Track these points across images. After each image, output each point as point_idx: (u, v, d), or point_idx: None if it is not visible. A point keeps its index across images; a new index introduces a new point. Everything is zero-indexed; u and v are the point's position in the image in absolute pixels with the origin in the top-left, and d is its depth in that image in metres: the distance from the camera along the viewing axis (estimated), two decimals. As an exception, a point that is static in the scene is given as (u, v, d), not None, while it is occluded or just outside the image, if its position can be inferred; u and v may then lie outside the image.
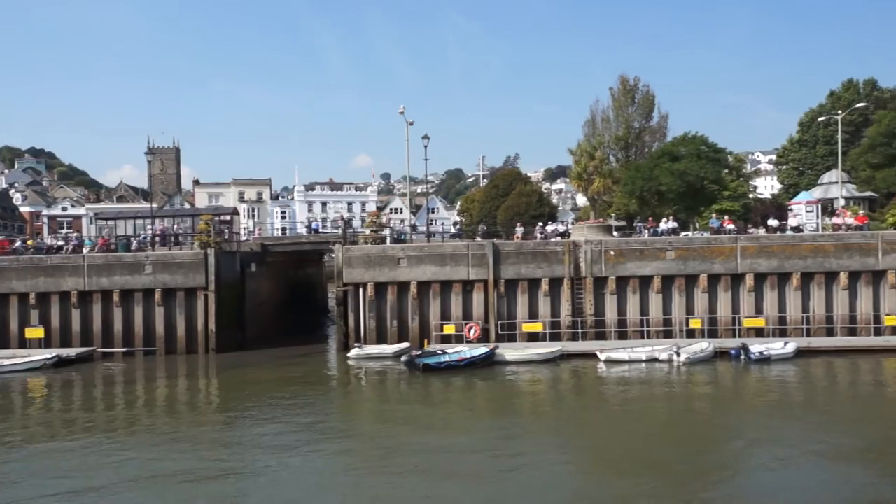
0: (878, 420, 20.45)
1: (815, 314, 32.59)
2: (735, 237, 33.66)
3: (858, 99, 72.68)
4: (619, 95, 59.10)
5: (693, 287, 33.14)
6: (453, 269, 33.83)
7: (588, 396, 24.78)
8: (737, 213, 58.31)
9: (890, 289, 32.29)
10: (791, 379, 25.91)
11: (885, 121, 39.32)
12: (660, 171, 39.46)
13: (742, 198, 67.68)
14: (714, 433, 19.51)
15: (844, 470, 15.91)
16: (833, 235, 33.55)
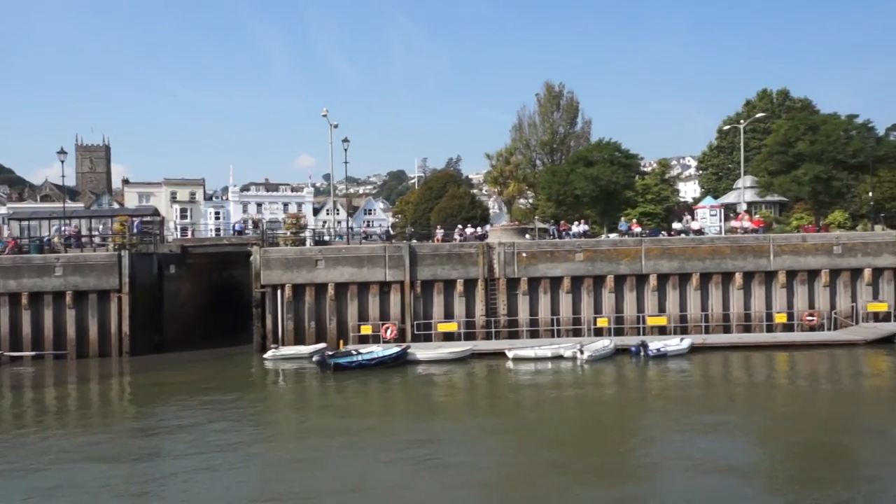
0: (766, 409, 22.01)
1: (713, 312, 34.54)
2: (640, 240, 35.36)
3: (772, 108, 76.76)
4: (544, 101, 60.78)
5: (600, 287, 34.65)
6: (370, 270, 34.46)
7: (493, 393, 25.80)
8: (659, 216, 60.91)
9: (780, 288, 34.49)
10: (683, 373, 27.49)
11: (781, 130, 41.83)
12: (575, 175, 40.97)
13: (665, 201, 70.84)
14: (611, 428, 20.54)
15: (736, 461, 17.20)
16: (729, 238, 35.65)
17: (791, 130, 40.60)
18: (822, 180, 39.03)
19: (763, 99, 77.81)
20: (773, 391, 25.01)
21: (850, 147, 38.69)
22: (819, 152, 38.93)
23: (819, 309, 34.28)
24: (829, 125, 39.81)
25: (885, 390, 24.70)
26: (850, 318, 34.04)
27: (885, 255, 34.31)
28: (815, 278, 34.54)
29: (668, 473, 15.74)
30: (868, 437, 18.48)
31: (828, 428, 19.40)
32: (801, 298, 34.50)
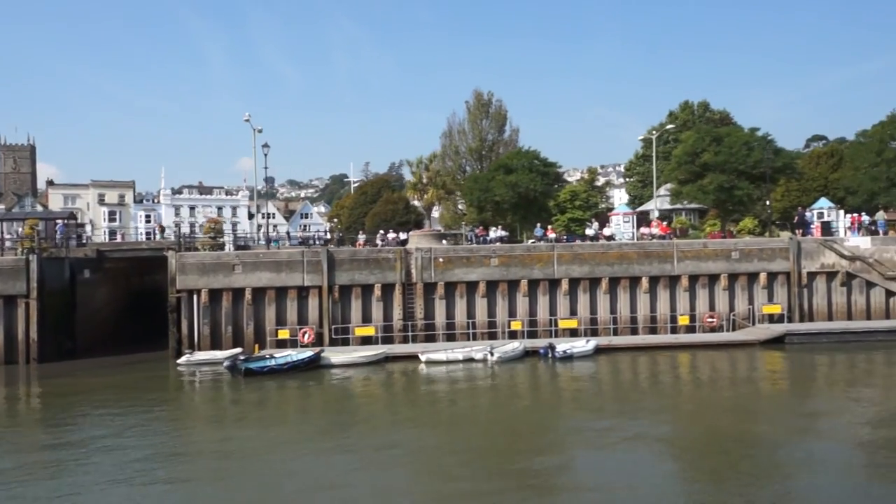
0: (660, 403, 23.35)
1: (622, 315, 36.06)
2: (552, 245, 36.66)
3: (692, 119, 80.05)
4: (473, 109, 61.97)
5: (515, 291, 35.73)
6: (289, 275, 34.67)
7: (402, 395, 26.51)
8: (586, 222, 62.81)
9: (684, 291, 36.26)
10: (586, 373, 28.76)
11: (689, 141, 44.00)
12: (495, 183, 42.10)
13: (594, 207, 73.07)
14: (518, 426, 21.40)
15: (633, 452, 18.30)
16: (636, 245, 37.32)
17: (697, 142, 42.77)
18: (725, 189, 41.25)
19: (685, 110, 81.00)
20: (669, 388, 26.62)
21: (750, 158, 41.03)
22: (723, 163, 41.15)
23: (719, 311, 36.20)
24: (732, 138, 42.13)
25: (779, 386, 26.50)
26: (747, 320, 36.06)
27: (779, 260, 36.51)
28: (715, 282, 36.46)
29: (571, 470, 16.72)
30: (766, 428, 20.01)
31: (724, 421, 20.96)
32: (703, 301, 36.37)
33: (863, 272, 36.66)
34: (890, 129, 42.37)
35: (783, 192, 62.48)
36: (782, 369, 29.52)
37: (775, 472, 15.96)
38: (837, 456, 17.35)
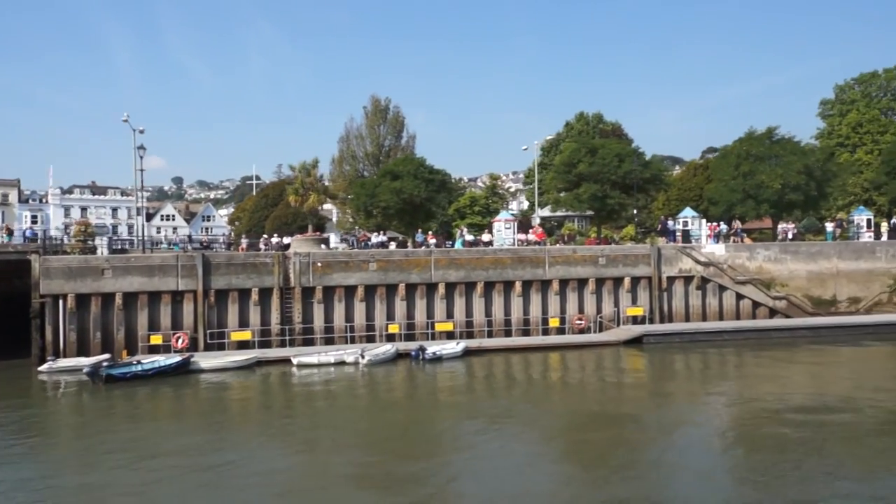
0: (526, 400, 24.69)
1: (496, 318, 37.51)
2: (430, 251, 37.74)
3: (587, 129, 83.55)
4: (371, 115, 62.58)
5: (393, 295, 36.56)
6: (162, 279, 34.18)
7: (272, 398, 26.82)
8: (485, 227, 64.50)
9: (555, 295, 38.11)
10: (450, 373, 29.89)
11: (566, 152, 46.23)
12: (381, 188, 42.86)
13: (494, 213, 75.01)
14: (375, 425, 22.21)
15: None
16: (510, 250, 38.96)
17: (574, 152, 45.01)
18: (598, 198, 43.60)
19: (580, 121, 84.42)
20: (527, 387, 28.38)
21: (621, 169, 43.56)
22: (596, 173, 43.49)
23: (587, 313, 38.26)
24: (605, 150, 44.61)
25: (639, 381, 28.63)
26: (612, 322, 38.29)
27: (642, 265, 38.98)
28: (584, 286, 38.51)
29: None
30: (629, 422, 21.82)
31: (590, 415, 23.00)
32: (573, 304, 38.35)
33: (716, 277, 39.66)
34: (746, 146, 45.94)
35: (664, 201, 66.25)
36: (635, 367, 31.59)
37: (645, 465, 17.67)
38: (695, 439, 19.78)
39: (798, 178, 42.69)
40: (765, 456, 17.82)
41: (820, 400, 24.05)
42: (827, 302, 41.69)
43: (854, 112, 66.18)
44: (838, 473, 16.60)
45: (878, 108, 66.07)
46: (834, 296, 41.84)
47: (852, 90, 68.75)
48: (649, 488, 15.84)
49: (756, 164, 44.66)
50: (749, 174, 44.56)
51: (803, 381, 27.87)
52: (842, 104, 68.52)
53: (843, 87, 69.80)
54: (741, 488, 15.82)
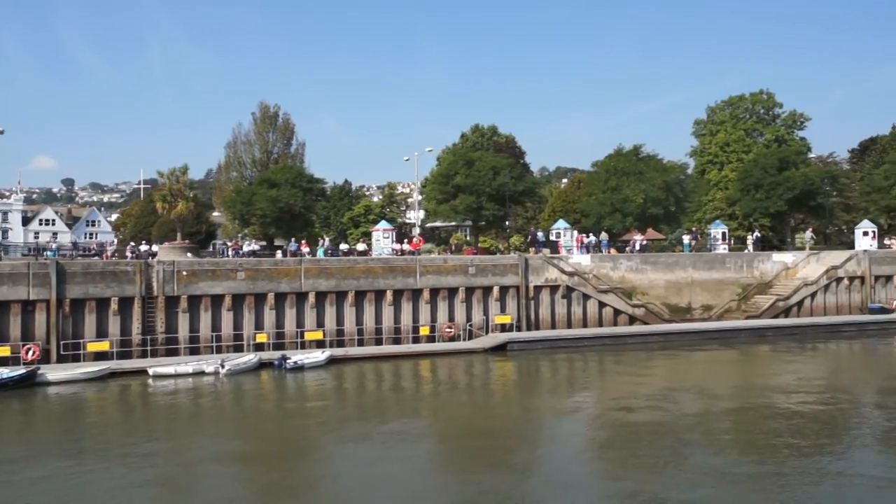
0: (381, 408, 25.11)
1: (367, 326, 37.97)
2: (300, 259, 37.84)
3: (482, 141, 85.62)
4: (259, 121, 61.91)
5: (262, 304, 36.39)
6: (11, 288, 32.62)
7: (114, 410, 26.15)
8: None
9: (425, 304, 38.98)
10: (313, 383, 30.08)
11: (444, 163, 47.50)
12: (257, 196, 42.58)
13: (393, 222, 75.70)
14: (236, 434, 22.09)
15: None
16: (381, 259, 39.62)
17: (451, 164, 46.27)
18: (473, 209, 44.98)
19: (475, 132, 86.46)
20: (390, 393, 29.08)
21: (495, 182, 45.15)
22: (472, 185, 44.87)
23: (457, 321, 39.34)
24: (481, 162, 46.11)
25: (500, 386, 29.96)
26: (482, 329, 39.55)
27: (510, 275, 40.49)
28: (454, 295, 39.58)
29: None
30: (491, 426, 22.81)
31: (447, 419, 23.60)
32: (443, 313, 39.31)
33: (580, 286, 41.72)
34: (614, 162, 48.64)
35: (550, 213, 68.83)
36: (501, 373, 32.80)
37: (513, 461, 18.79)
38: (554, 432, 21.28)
39: (658, 193, 45.53)
40: (623, 451, 19.38)
41: (671, 399, 25.92)
42: (683, 309, 44.65)
43: (722, 132, 71.02)
44: (694, 462, 18.43)
45: (743, 129, 71.12)
46: (689, 304, 44.88)
47: (722, 112, 73.74)
48: (518, 487, 16.69)
49: (622, 179, 47.30)
50: (616, 189, 47.14)
51: (656, 382, 29.61)
52: (712, 124, 73.38)
53: (714, 108, 74.76)
54: (607, 483, 17.19)
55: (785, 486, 16.33)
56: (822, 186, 49.63)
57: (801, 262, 47.40)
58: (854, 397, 26.82)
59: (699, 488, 16.44)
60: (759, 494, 15.90)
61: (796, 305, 45.45)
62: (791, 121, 72.64)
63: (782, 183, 49.94)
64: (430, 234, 72.48)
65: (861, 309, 46.35)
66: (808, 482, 16.72)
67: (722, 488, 16.39)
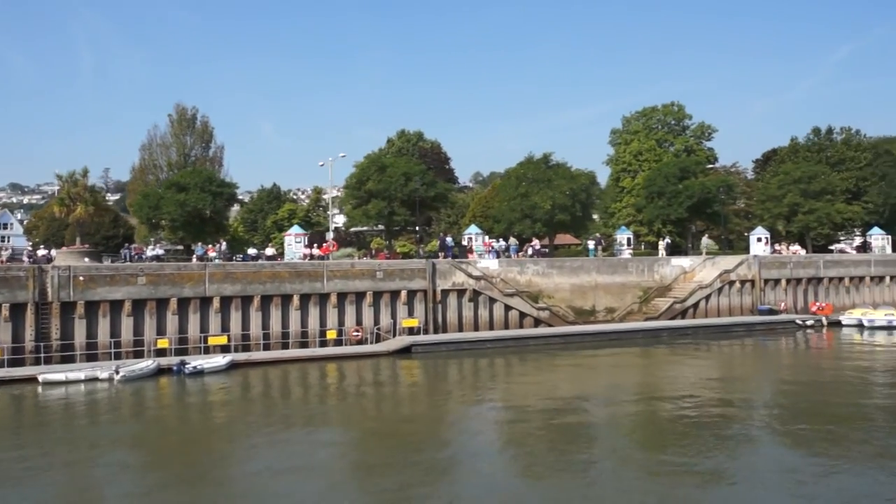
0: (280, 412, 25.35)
1: (273, 331, 38.14)
2: (204, 264, 37.69)
3: (408, 146, 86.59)
4: (176, 123, 61.04)
5: (164, 310, 36.09)
6: None
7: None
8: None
9: (333, 308, 39.42)
10: (212, 387, 30.12)
11: (359, 169, 48.07)
12: (165, 200, 42.14)
13: (318, 225, 75.70)
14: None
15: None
16: (288, 264, 39.87)
17: (364, 170, 46.89)
18: (385, 215, 45.69)
19: (401, 138, 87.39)
20: (293, 396, 29.31)
21: (407, 188, 46.00)
22: (383, 190, 45.58)
23: (365, 325, 39.93)
24: (393, 168, 46.90)
25: (404, 388, 30.34)
26: (389, 333, 40.25)
27: (418, 279, 41.35)
28: (362, 299, 40.17)
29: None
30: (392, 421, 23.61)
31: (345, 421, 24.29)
32: (350, 316, 39.81)
33: (486, 290, 42.95)
34: (524, 169, 50.24)
35: (471, 218, 70.18)
36: (408, 376, 33.27)
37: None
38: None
39: (565, 200, 47.29)
40: (527, 449, 20.29)
41: (570, 398, 27.14)
42: (587, 312, 46.49)
43: (635, 142, 74.03)
44: (599, 456, 19.60)
45: (655, 139, 74.31)
46: (593, 306, 46.77)
47: (636, 122, 76.82)
48: (425, 486, 17.20)
49: (531, 186, 48.90)
50: (525, 195, 48.69)
51: (555, 382, 30.82)
52: (627, 134, 76.39)
53: (629, 118, 77.83)
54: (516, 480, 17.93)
55: (678, 482, 17.21)
56: (718, 195, 52.45)
57: (697, 266, 50.03)
58: (739, 393, 28.23)
59: (606, 483, 17.32)
60: (660, 487, 16.73)
61: (692, 307, 47.96)
62: (700, 132, 76.44)
63: (682, 191, 52.56)
64: (354, 238, 72.90)
65: (752, 310, 49.27)
66: (702, 474, 17.75)
67: (624, 481, 17.26)
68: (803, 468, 18.08)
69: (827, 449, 19.54)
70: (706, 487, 16.92)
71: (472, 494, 16.70)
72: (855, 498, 15.75)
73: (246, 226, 77.37)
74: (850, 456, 18.82)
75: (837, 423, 22.34)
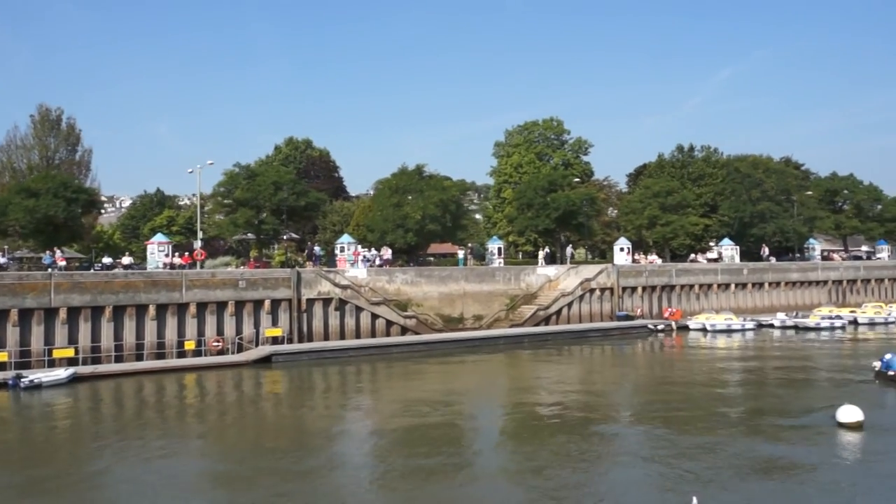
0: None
1: (127, 342, 37.09)
2: (49, 273, 36.24)
3: (296, 154, 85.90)
4: (38, 125, 58.09)
5: (4, 321, 34.39)
6: None
7: None
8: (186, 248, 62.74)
9: (192, 318, 38.79)
10: (57, 403, 28.93)
11: (227, 177, 47.46)
12: (13, 207, 40.16)
13: (203, 233, 73.53)
14: None
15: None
16: (143, 273, 38.97)
17: (233, 178, 46.44)
18: (253, 224, 45.40)
19: (289, 145, 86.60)
20: (135, 409, 28.49)
21: (276, 197, 45.94)
22: (251, 199, 45.30)
23: (226, 335, 39.52)
24: (263, 177, 46.70)
25: (262, 397, 30.24)
26: (252, 343, 40.02)
27: (282, 288, 41.38)
28: (223, 309, 39.75)
29: None
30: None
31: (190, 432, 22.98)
32: (211, 327, 39.30)
33: (353, 298, 43.51)
34: (397, 180, 51.27)
35: (354, 228, 70.53)
36: (271, 387, 33.02)
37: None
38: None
39: (435, 211, 48.61)
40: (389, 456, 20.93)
41: (432, 403, 27.77)
42: (456, 319, 47.90)
43: (516, 154, 76.82)
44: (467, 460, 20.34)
45: (535, 153, 77.35)
46: (461, 314, 48.24)
47: (518, 135, 79.68)
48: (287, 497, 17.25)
49: (403, 196, 49.94)
50: (398, 205, 49.67)
51: (417, 389, 31.57)
52: (509, 147, 79.14)
53: (511, 132, 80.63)
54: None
55: (548, 477, 18.34)
56: (582, 207, 55.41)
57: (562, 275, 52.63)
58: (594, 395, 30.25)
59: (473, 484, 18.15)
60: (523, 487, 17.73)
61: (555, 314, 50.38)
62: (577, 146, 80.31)
63: (549, 203, 55.14)
64: (238, 246, 71.53)
65: (611, 316, 52.31)
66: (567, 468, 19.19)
67: (491, 484, 18.06)
68: (648, 450, 20.38)
69: (673, 433, 22.05)
70: (578, 475, 18.56)
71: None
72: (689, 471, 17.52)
73: (126, 233, 74.33)
74: (691, 438, 21.54)
75: (676, 413, 25.21)
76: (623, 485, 17.63)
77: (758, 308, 58.58)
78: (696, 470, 18.40)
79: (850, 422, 21.62)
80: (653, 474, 18.35)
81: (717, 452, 19.99)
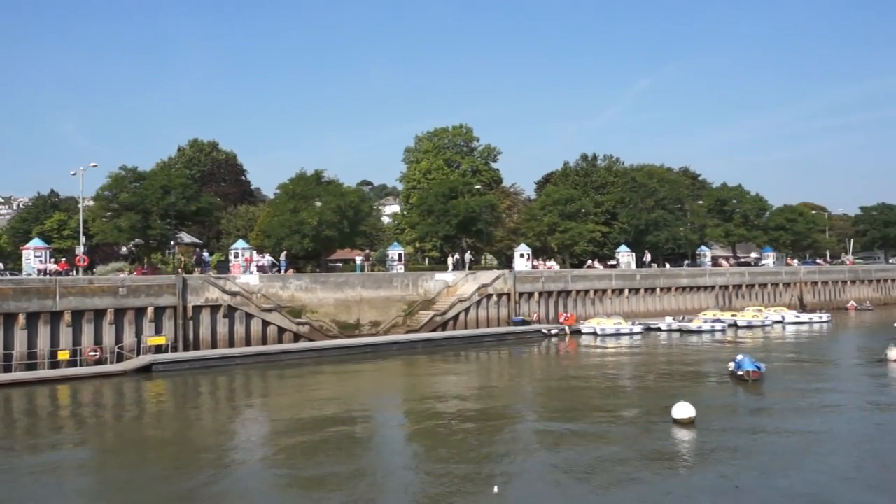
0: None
1: (-7, 353, 35.22)
2: None
3: (200, 156, 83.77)
4: None
5: None
6: None
7: None
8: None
9: (67, 327, 37.21)
10: None
11: (112, 179, 45.77)
12: None
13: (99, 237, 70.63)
14: None
15: None
16: (11, 280, 37.14)
17: (118, 181, 44.85)
18: (138, 229, 43.98)
19: (193, 146, 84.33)
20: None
21: (164, 201, 44.66)
22: (138, 203, 43.88)
23: (105, 344, 38.09)
24: (151, 180, 45.36)
25: (141, 408, 29.30)
26: (133, 352, 38.71)
27: (167, 295, 40.25)
28: (102, 317, 38.31)
29: None
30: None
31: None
32: (88, 336, 37.80)
33: (243, 305, 42.79)
34: (293, 185, 50.82)
35: (258, 232, 69.34)
36: (154, 395, 32.12)
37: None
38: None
39: (332, 217, 48.42)
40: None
41: (322, 410, 27.69)
42: (352, 326, 47.80)
43: (425, 161, 77.42)
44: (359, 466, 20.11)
45: (444, 159, 78.16)
46: (358, 320, 48.19)
47: (427, 141, 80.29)
48: None
49: (301, 202, 49.51)
50: (295, 211, 49.20)
51: (304, 397, 31.02)
52: (418, 152, 79.65)
53: (421, 138, 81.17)
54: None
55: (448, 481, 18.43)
56: (482, 213, 56.45)
57: (460, 280, 53.39)
58: (490, 397, 30.71)
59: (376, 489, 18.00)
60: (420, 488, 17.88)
61: (452, 319, 51.04)
62: (486, 153, 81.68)
63: (450, 210, 55.88)
64: (136, 252, 69.00)
65: (508, 321, 53.43)
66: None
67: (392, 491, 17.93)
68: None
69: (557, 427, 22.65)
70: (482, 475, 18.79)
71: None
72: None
73: (16, 237, 70.39)
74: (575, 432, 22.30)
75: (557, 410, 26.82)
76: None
77: (650, 312, 61.12)
78: (507, 464, 19.71)
79: (683, 418, 23.11)
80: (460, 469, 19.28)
81: (535, 447, 21.47)
